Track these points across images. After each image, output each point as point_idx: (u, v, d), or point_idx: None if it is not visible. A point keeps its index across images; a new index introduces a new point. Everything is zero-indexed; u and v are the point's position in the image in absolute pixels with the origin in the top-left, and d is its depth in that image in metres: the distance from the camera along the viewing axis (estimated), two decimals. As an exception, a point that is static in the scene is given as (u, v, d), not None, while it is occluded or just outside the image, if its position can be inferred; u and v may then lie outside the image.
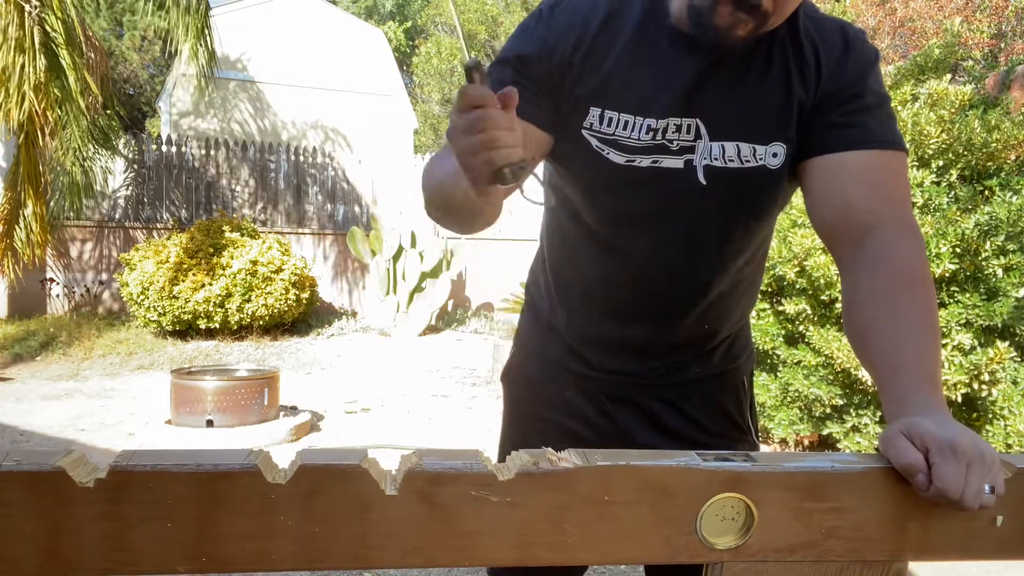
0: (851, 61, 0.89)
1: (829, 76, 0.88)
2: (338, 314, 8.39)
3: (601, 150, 0.89)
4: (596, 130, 0.89)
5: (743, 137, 0.88)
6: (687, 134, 0.88)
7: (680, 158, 0.88)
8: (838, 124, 0.86)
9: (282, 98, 12.17)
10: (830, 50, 0.89)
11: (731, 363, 1.06)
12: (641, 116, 0.87)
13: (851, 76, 0.88)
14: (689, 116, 0.87)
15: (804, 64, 0.89)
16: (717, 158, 0.88)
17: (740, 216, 0.93)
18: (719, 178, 0.89)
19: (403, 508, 0.53)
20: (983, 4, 9.35)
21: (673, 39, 0.88)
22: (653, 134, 0.88)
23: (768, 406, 3.66)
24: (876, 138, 0.85)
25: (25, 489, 0.49)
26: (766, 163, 0.89)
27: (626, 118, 0.88)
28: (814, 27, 0.91)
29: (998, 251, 3.26)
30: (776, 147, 0.88)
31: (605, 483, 0.55)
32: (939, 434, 0.59)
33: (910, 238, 0.81)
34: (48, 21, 6.21)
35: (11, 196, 6.87)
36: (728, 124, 0.88)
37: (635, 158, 0.89)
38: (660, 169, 0.89)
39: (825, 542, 0.60)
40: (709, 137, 0.88)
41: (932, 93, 3.56)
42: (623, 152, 0.89)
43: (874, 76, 0.90)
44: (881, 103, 0.88)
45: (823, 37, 0.90)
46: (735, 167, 0.88)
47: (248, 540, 0.52)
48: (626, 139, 0.88)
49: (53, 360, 6.32)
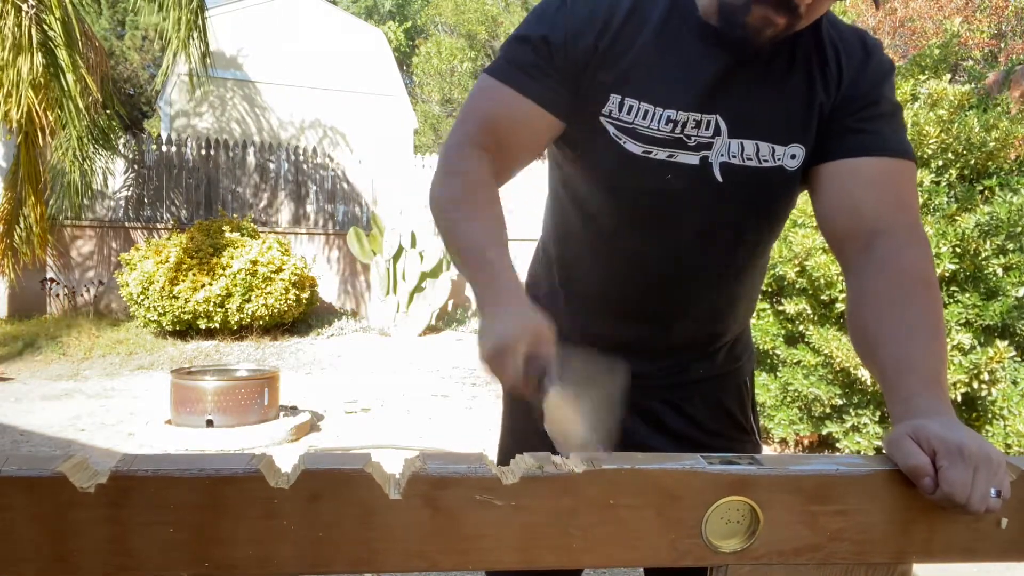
0: (870, 69, 0.89)
1: (849, 82, 0.89)
2: (338, 314, 8.38)
3: (618, 138, 0.88)
4: (615, 118, 0.88)
5: (763, 136, 0.88)
6: (706, 130, 0.87)
7: (696, 154, 0.88)
8: (853, 130, 0.87)
9: (282, 98, 12.16)
10: (851, 57, 0.90)
11: (734, 363, 1.06)
12: (662, 107, 0.87)
13: (869, 84, 0.89)
14: (711, 112, 0.87)
15: (827, 68, 0.89)
16: (735, 155, 0.88)
17: (753, 216, 0.93)
18: (735, 176, 0.88)
19: (407, 512, 0.53)
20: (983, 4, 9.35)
21: (699, 33, 0.87)
22: (673, 126, 0.87)
23: (768, 406, 3.66)
24: (890, 146, 0.86)
25: (26, 494, 0.49)
26: (784, 164, 0.89)
27: (646, 107, 0.87)
28: (836, 33, 0.91)
29: (998, 251, 3.26)
30: (795, 148, 0.88)
31: (610, 487, 0.55)
32: (947, 437, 0.59)
33: (918, 244, 0.81)
34: (47, 21, 6.20)
35: (11, 196, 6.87)
36: (749, 122, 0.88)
37: (652, 149, 0.88)
38: (675, 164, 0.88)
39: (830, 544, 0.60)
40: (729, 134, 0.87)
41: (932, 93, 3.56)
42: (640, 142, 0.88)
43: (889, 85, 0.90)
44: (895, 112, 0.89)
45: (845, 43, 0.90)
46: (753, 166, 0.88)
47: (251, 545, 0.52)
48: (645, 128, 0.87)
49: (53, 360, 6.31)
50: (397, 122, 12.77)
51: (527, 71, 0.88)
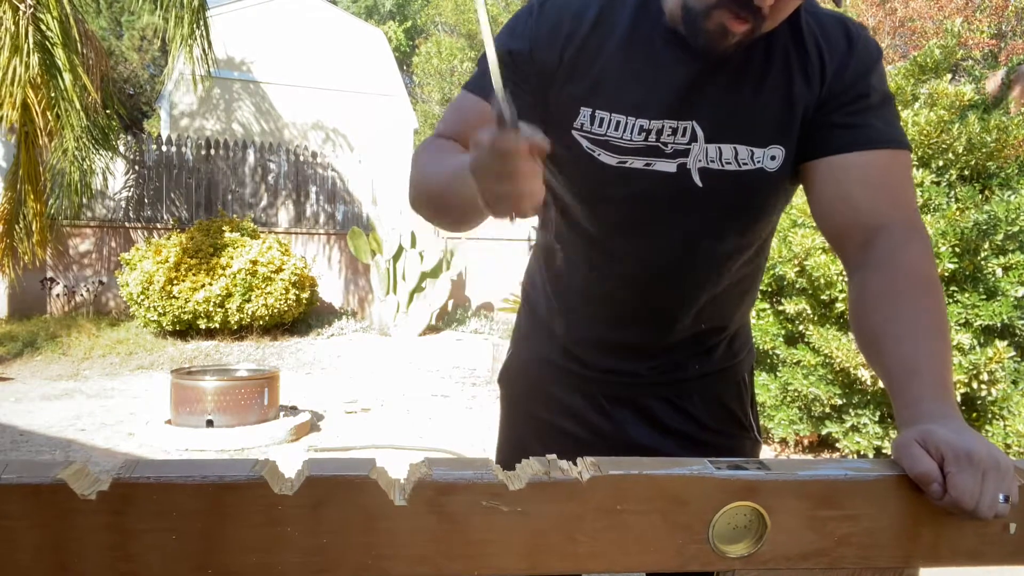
0: (855, 60, 0.86)
1: (833, 75, 0.85)
2: (338, 314, 8.38)
3: (592, 151, 0.88)
4: (587, 131, 0.87)
5: (741, 140, 0.86)
6: (682, 137, 0.86)
7: (673, 161, 0.87)
8: (843, 124, 0.84)
9: (281, 98, 12.15)
10: (833, 48, 0.86)
11: (732, 359, 1.04)
12: (634, 116, 0.86)
13: (855, 75, 0.86)
14: (685, 119, 0.86)
15: (808, 64, 0.86)
16: (714, 160, 0.87)
17: (737, 218, 0.92)
18: (716, 181, 0.87)
19: (412, 518, 0.52)
20: (983, 4, 9.36)
21: (668, 39, 0.85)
22: (646, 135, 0.86)
23: (768, 406, 3.65)
24: (882, 138, 0.84)
25: (26, 502, 0.49)
26: (764, 166, 0.87)
27: (618, 118, 0.86)
28: (815, 23, 0.88)
29: (997, 250, 3.26)
30: (774, 150, 0.87)
31: (617, 492, 0.54)
32: (955, 443, 0.58)
33: (918, 240, 0.80)
34: (44, 20, 6.18)
35: (11, 196, 6.87)
36: (726, 127, 0.86)
37: (627, 159, 0.87)
38: (653, 172, 0.87)
39: (837, 549, 0.60)
40: (706, 139, 0.86)
41: (932, 93, 3.55)
42: (614, 153, 0.87)
43: (877, 74, 0.87)
44: (885, 101, 0.86)
45: (825, 34, 0.87)
46: (732, 170, 0.87)
47: (254, 551, 0.51)
48: (617, 139, 0.87)
49: (53, 360, 6.31)
50: (397, 122, 12.77)
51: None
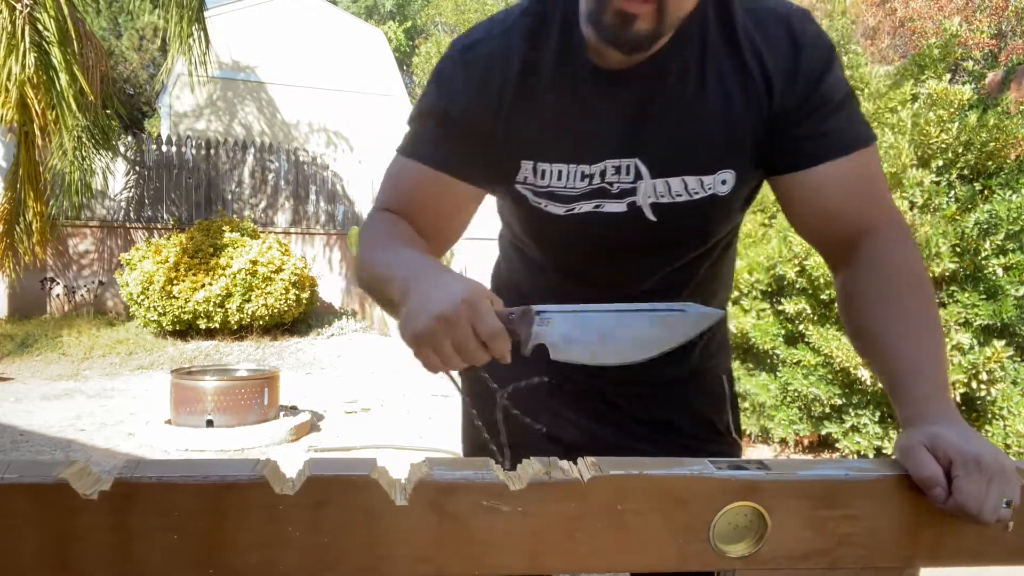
0: (804, 67, 0.79)
1: (783, 89, 0.79)
2: (338, 314, 8.38)
3: (538, 204, 0.87)
4: (531, 183, 0.86)
5: (688, 171, 0.83)
6: (627, 175, 0.84)
7: (622, 201, 0.85)
8: (808, 136, 0.80)
9: (281, 98, 12.15)
10: (778, 57, 0.79)
11: (708, 361, 1.03)
12: (574, 163, 0.84)
13: (808, 85, 0.79)
14: (628, 157, 0.83)
15: (749, 83, 0.80)
16: (663, 195, 0.84)
17: (694, 240, 0.91)
18: (669, 212, 0.86)
19: (413, 518, 0.52)
20: (983, 4, 9.36)
21: (595, 77, 0.82)
22: (589, 179, 0.84)
23: (768, 406, 3.65)
24: (850, 141, 0.80)
25: (28, 501, 0.49)
26: (715, 191, 0.84)
27: (559, 168, 0.84)
28: (755, 27, 0.80)
29: (998, 250, 3.26)
30: (724, 174, 0.84)
31: (618, 492, 0.55)
32: (964, 449, 0.58)
33: (903, 238, 0.79)
34: (40, 19, 6.17)
35: (11, 196, 6.87)
36: (671, 161, 0.83)
37: (575, 206, 0.86)
38: (602, 214, 0.86)
39: (837, 549, 0.60)
40: (652, 175, 0.84)
41: (932, 93, 3.55)
42: (561, 202, 0.86)
43: (833, 75, 0.80)
44: (845, 100, 0.81)
45: (768, 41, 0.80)
46: (684, 200, 0.85)
47: (256, 551, 0.51)
48: (562, 189, 0.85)
49: (53, 360, 6.31)
50: (397, 122, 12.76)
51: (432, 142, 0.86)
